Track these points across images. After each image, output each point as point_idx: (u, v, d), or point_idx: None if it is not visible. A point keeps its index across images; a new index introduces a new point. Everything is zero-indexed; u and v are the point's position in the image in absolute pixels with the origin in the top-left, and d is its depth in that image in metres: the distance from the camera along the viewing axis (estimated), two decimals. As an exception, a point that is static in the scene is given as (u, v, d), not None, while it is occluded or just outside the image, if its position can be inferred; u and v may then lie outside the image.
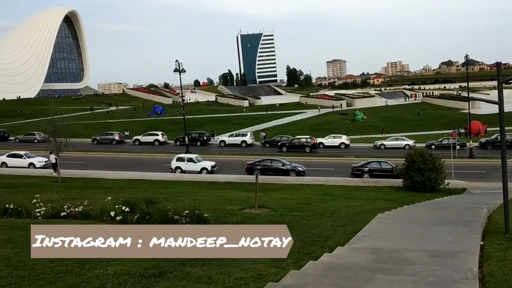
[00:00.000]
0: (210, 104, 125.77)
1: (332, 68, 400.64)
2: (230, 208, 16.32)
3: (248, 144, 54.43)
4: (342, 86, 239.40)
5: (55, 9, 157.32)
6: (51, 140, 32.22)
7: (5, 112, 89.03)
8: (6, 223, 11.77)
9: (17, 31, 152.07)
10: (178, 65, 48.09)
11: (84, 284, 6.29)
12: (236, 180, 31.45)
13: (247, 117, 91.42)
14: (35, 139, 55.37)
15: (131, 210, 12.25)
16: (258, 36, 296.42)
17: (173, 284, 6.38)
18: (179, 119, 68.56)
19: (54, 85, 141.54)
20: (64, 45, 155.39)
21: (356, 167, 34.58)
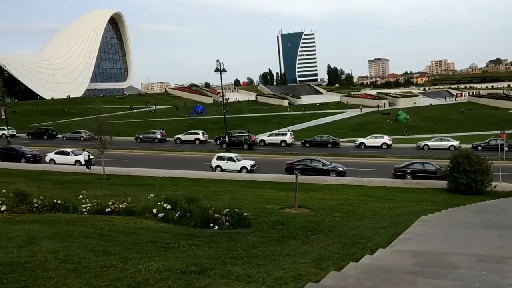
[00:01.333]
0: (250, 104, 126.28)
1: (374, 67, 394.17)
2: (270, 207, 16.32)
3: (288, 144, 54.28)
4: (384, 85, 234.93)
5: (101, 11, 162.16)
6: (96, 138, 33.19)
7: (54, 111, 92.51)
8: (54, 217, 12.20)
9: (65, 33, 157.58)
10: (219, 64, 48.52)
11: (127, 279, 6.44)
12: (275, 180, 31.44)
13: (287, 117, 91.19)
14: (81, 137, 57.19)
15: (172, 207, 12.43)
16: (299, 35, 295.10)
17: (213, 281, 6.44)
18: (219, 118, 69.19)
19: (100, 84, 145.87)
20: (109, 46, 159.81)
21: (399, 168, 33.88)
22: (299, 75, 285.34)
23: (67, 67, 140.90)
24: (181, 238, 9.75)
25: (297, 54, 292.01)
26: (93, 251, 8.20)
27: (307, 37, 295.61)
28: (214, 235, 10.35)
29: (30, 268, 7.00)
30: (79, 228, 10.48)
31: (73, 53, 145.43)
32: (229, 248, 9.01)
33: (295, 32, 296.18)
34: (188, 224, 11.58)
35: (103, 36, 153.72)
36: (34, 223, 11.12)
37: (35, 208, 13.34)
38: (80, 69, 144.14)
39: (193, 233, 10.44)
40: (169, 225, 11.71)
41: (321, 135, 57.54)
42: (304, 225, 12.48)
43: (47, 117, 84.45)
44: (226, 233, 10.62)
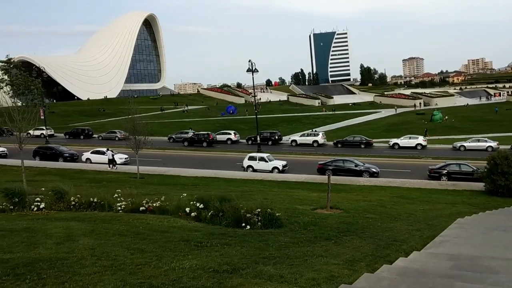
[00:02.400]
0: (282, 104, 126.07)
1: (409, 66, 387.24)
2: (302, 208, 16.26)
3: (320, 144, 53.93)
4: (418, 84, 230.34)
5: (135, 13, 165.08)
6: (130, 138, 33.81)
7: (90, 111, 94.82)
8: (90, 215, 12.51)
9: (101, 35, 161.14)
10: (251, 65, 48.68)
11: (161, 277, 6.54)
12: (307, 180, 31.30)
13: (319, 117, 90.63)
14: (116, 137, 58.41)
15: (205, 207, 12.55)
16: (331, 35, 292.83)
17: (246, 281, 6.47)
18: (251, 119, 69.37)
19: (134, 85, 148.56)
20: (143, 47, 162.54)
21: (434, 169, 33.18)
22: (332, 75, 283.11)
23: (102, 68, 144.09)
24: (213, 237, 9.83)
25: (329, 53, 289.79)
26: (128, 249, 8.36)
27: (340, 36, 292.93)
28: (246, 234, 10.39)
29: (68, 264, 7.19)
30: (114, 226, 10.70)
31: (108, 55, 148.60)
32: (261, 248, 9.02)
33: (328, 32, 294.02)
34: (220, 223, 11.66)
35: (138, 37, 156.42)
36: (72, 220, 11.42)
37: (73, 206, 13.70)
38: (115, 70, 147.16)
39: (225, 233, 10.51)
40: (201, 224, 11.82)
41: (353, 135, 56.90)
42: (336, 226, 12.38)
43: (84, 117, 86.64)
44: (258, 233, 10.64)
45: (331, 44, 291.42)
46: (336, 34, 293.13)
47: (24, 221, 11.07)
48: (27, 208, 13.16)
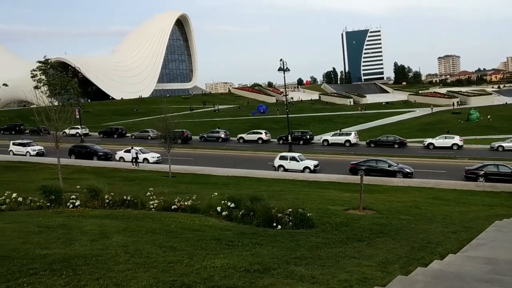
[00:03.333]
0: (313, 103, 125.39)
1: (444, 64, 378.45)
2: (333, 208, 16.09)
3: (352, 144, 53.32)
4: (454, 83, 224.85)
5: (168, 13, 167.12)
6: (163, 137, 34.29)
7: (123, 110, 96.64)
8: (124, 213, 12.71)
9: (134, 36, 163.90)
10: (282, 64, 48.58)
11: (193, 275, 6.58)
12: (339, 180, 31.00)
13: (351, 116, 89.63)
14: (148, 136, 59.34)
15: (236, 206, 12.57)
16: (364, 33, 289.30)
17: (277, 281, 6.44)
18: (282, 118, 69.24)
19: (166, 85, 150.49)
20: (175, 47, 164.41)
21: (471, 170, 32.30)
22: (364, 73, 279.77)
23: (136, 68, 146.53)
24: (244, 236, 9.83)
25: (362, 52, 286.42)
26: (160, 247, 8.45)
27: (373, 34, 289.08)
28: (277, 234, 10.35)
29: (102, 260, 7.32)
30: (147, 224, 10.83)
31: (141, 55, 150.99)
32: (292, 248, 8.97)
33: (360, 30, 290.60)
34: (251, 223, 11.65)
35: (170, 37, 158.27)
36: (106, 218, 11.63)
37: (106, 203, 13.95)
38: (148, 70, 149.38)
39: (256, 232, 10.49)
40: (232, 223, 11.84)
41: (387, 135, 56.01)
42: (369, 227, 12.19)
43: (117, 116, 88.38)
44: (289, 233, 10.58)
45: (364, 42, 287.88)
46: (369, 32, 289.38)
47: (60, 218, 11.34)
48: (63, 205, 13.47)
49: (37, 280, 6.31)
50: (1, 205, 13.15)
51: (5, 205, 13.17)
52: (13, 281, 6.25)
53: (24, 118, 59.29)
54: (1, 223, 10.49)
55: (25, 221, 10.78)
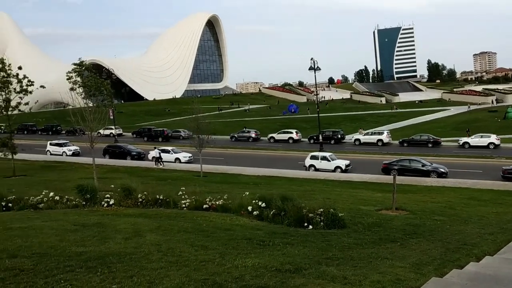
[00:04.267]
0: (345, 102, 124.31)
1: (480, 61, 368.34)
2: (365, 208, 15.90)
3: (385, 143, 52.53)
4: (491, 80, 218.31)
5: (199, 14, 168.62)
6: (194, 137, 34.63)
7: (156, 111, 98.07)
8: (156, 212, 12.90)
9: (165, 37, 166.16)
10: (313, 63, 48.37)
11: (224, 274, 6.62)
12: (371, 180, 30.62)
13: (384, 115, 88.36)
14: (180, 136, 60.04)
15: (267, 205, 12.57)
16: (397, 30, 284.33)
17: (309, 281, 6.41)
18: (313, 117, 68.86)
19: (197, 85, 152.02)
20: (206, 48, 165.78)
21: (508, 170, 31.34)
22: (397, 71, 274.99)
23: (167, 69, 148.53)
24: (275, 236, 9.82)
25: (394, 49, 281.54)
26: (192, 245, 8.53)
27: (406, 31, 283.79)
28: (308, 234, 10.30)
29: (136, 258, 7.45)
30: (179, 223, 10.96)
31: (173, 56, 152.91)
32: (323, 248, 8.91)
33: (393, 27, 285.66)
34: (282, 222, 11.63)
35: (201, 38, 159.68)
36: (139, 216, 11.83)
37: (140, 202, 14.20)
38: (180, 71, 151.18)
39: (287, 232, 10.48)
40: (263, 223, 11.85)
41: (420, 134, 54.92)
42: (402, 228, 11.98)
43: (150, 117, 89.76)
44: (320, 233, 10.52)
45: (397, 40, 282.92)
46: (402, 29, 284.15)
47: (95, 217, 11.60)
48: (98, 204, 13.79)
49: (73, 277, 6.47)
50: (39, 204, 13.55)
51: (43, 204, 13.57)
52: (51, 277, 6.43)
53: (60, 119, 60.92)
54: (39, 221, 10.82)
55: (62, 219, 11.08)
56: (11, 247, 8.07)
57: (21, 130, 59.26)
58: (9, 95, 32.45)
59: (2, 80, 32.14)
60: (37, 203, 13.57)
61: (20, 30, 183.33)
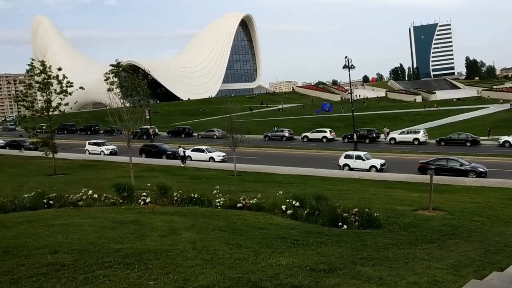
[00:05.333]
0: (380, 100, 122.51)
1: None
2: (401, 208, 15.64)
3: (421, 142, 51.45)
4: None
5: (232, 14, 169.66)
6: (228, 136, 34.86)
7: (190, 111, 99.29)
8: (191, 210, 13.06)
9: (199, 38, 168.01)
10: (347, 61, 47.90)
11: (259, 272, 6.65)
12: (407, 180, 30.07)
13: (420, 113, 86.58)
14: (214, 135, 60.61)
15: (301, 205, 12.54)
16: (433, 27, 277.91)
17: (343, 281, 6.37)
18: (347, 116, 68.20)
19: (231, 85, 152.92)
20: (239, 48, 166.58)
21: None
22: (434, 69, 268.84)
23: (202, 69, 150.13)
24: (309, 235, 9.79)
25: (431, 46, 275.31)
26: (226, 244, 8.61)
27: (443, 28, 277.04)
28: (343, 234, 10.22)
29: (172, 256, 7.57)
30: (213, 221, 11.07)
31: (207, 56, 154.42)
32: (358, 248, 8.83)
33: (429, 24, 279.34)
34: (316, 222, 11.57)
35: (234, 38, 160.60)
36: (174, 214, 12.01)
37: (175, 201, 14.40)
38: (214, 71, 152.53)
39: (322, 231, 10.42)
40: (297, 222, 11.83)
41: (458, 132, 53.49)
42: (439, 228, 11.73)
43: (184, 116, 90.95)
44: (355, 233, 10.42)
45: (433, 36, 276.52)
46: (439, 25, 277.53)
47: (132, 214, 11.84)
48: (134, 202, 14.07)
49: (112, 272, 6.64)
50: (78, 201, 13.94)
51: (82, 201, 13.95)
52: (90, 273, 6.62)
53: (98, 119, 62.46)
54: (79, 218, 11.13)
55: (100, 217, 11.37)
56: (53, 243, 8.35)
57: (61, 130, 61.12)
58: (50, 96, 33.50)
59: (44, 81, 33.23)
60: (77, 201, 13.95)
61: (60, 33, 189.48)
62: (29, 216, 11.44)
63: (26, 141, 51.68)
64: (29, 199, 13.80)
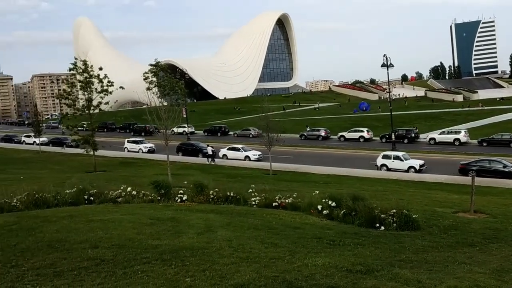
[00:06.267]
0: (419, 99, 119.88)
1: None
2: (441, 210, 15.23)
3: (462, 143, 50.00)
4: None
5: (269, 13, 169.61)
6: (264, 135, 34.89)
7: (226, 110, 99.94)
8: (227, 208, 13.15)
9: (236, 37, 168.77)
10: (385, 59, 47.09)
11: (294, 272, 6.62)
12: (447, 181, 29.31)
13: (460, 113, 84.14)
14: (250, 134, 60.78)
15: (337, 205, 12.41)
16: (476, 24, 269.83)
17: (381, 283, 6.26)
18: (385, 116, 67.00)
19: (267, 84, 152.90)
20: (276, 47, 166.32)
21: None
22: (476, 67, 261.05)
23: (238, 68, 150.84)
24: (346, 236, 9.68)
25: (473, 44, 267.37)
26: (262, 242, 8.61)
27: (486, 25, 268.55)
28: (380, 235, 10.05)
29: (208, 253, 7.65)
30: (249, 220, 11.10)
31: (243, 55, 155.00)
32: (396, 250, 8.66)
33: (471, 21, 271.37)
34: (353, 222, 11.44)
35: (271, 37, 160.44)
36: (211, 212, 12.11)
37: (211, 199, 14.53)
38: (250, 70, 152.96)
39: (358, 232, 10.29)
40: (333, 222, 11.72)
41: (501, 133, 51.60)
42: (481, 231, 11.36)
43: (221, 115, 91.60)
44: (392, 234, 10.23)
45: (476, 34, 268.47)
46: (482, 22, 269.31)
47: (169, 211, 12.03)
48: (171, 199, 14.28)
49: (149, 268, 6.77)
50: (117, 198, 14.26)
51: (121, 198, 14.26)
52: (129, 268, 6.77)
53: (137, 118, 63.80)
54: (118, 214, 11.39)
55: (139, 213, 11.60)
56: (93, 238, 8.58)
57: (101, 128, 62.69)
58: (91, 95, 34.42)
59: (85, 80, 34.16)
60: (116, 197, 14.28)
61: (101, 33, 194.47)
62: (70, 212, 11.78)
63: (68, 139, 53.32)
64: (70, 195, 14.20)
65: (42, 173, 32.25)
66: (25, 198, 13.06)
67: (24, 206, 12.70)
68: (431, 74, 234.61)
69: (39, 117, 58.97)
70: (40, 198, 13.21)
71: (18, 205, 12.73)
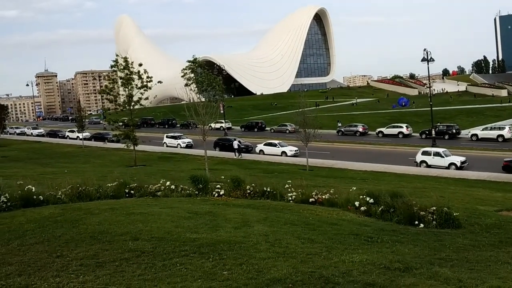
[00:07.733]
0: (461, 95, 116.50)
1: None
2: (483, 208, 14.81)
3: (506, 139, 48.30)
4: None
5: (306, 8, 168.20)
6: (301, 131, 34.78)
7: (263, 105, 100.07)
8: (264, 204, 13.20)
9: (273, 32, 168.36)
10: (426, 54, 46.01)
11: (331, 268, 6.60)
12: (490, 179, 28.42)
13: (505, 109, 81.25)
14: (286, 130, 60.71)
15: (375, 201, 12.25)
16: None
17: (420, 281, 6.17)
18: (425, 111, 65.48)
19: (304, 79, 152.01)
20: (313, 42, 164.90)
21: None
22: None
23: (275, 64, 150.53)
24: (384, 233, 9.56)
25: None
26: (298, 238, 8.62)
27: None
28: (419, 233, 9.87)
29: (245, 247, 7.72)
30: (285, 215, 11.12)
31: (280, 51, 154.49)
32: (436, 248, 8.49)
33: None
34: (391, 219, 11.26)
35: (308, 32, 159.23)
36: (247, 207, 12.20)
37: (248, 194, 14.61)
38: (287, 65, 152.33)
39: (396, 229, 10.14)
40: (371, 219, 11.59)
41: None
42: (526, 231, 10.98)
43: (257, 111, 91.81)
44: (432, 232, 10.03)
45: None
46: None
47: (207, 206, 12.19)
48: (209, 194, 14.45)
49: (188, 261, 6.90)
50: (157, 192, 14.55)
51: (160, 192, 14.54)
52: (168, 260, 6.93)
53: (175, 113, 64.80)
54: (158, 207, 11.63)
55: (177, 207, 11.80)
56: (134, 230, 8.80)
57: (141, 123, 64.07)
58: (131, 91, 35.20)
59: (126, 77, 34.95)
60: (155, 191, 14.57)
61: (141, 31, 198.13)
62: (112, 204, 12.11)
63: (109, 134, 54.74)
64: (112, 188, 14.58)
65: (85, 167, 33.28)
66: (69, 191, 13.49)
67: (68, 199, 13.12)
68: (473, 68, 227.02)
69: (82, 112, 60.83)
70: (83, 191, 13.61)
71: (62, 197, 13.15)
